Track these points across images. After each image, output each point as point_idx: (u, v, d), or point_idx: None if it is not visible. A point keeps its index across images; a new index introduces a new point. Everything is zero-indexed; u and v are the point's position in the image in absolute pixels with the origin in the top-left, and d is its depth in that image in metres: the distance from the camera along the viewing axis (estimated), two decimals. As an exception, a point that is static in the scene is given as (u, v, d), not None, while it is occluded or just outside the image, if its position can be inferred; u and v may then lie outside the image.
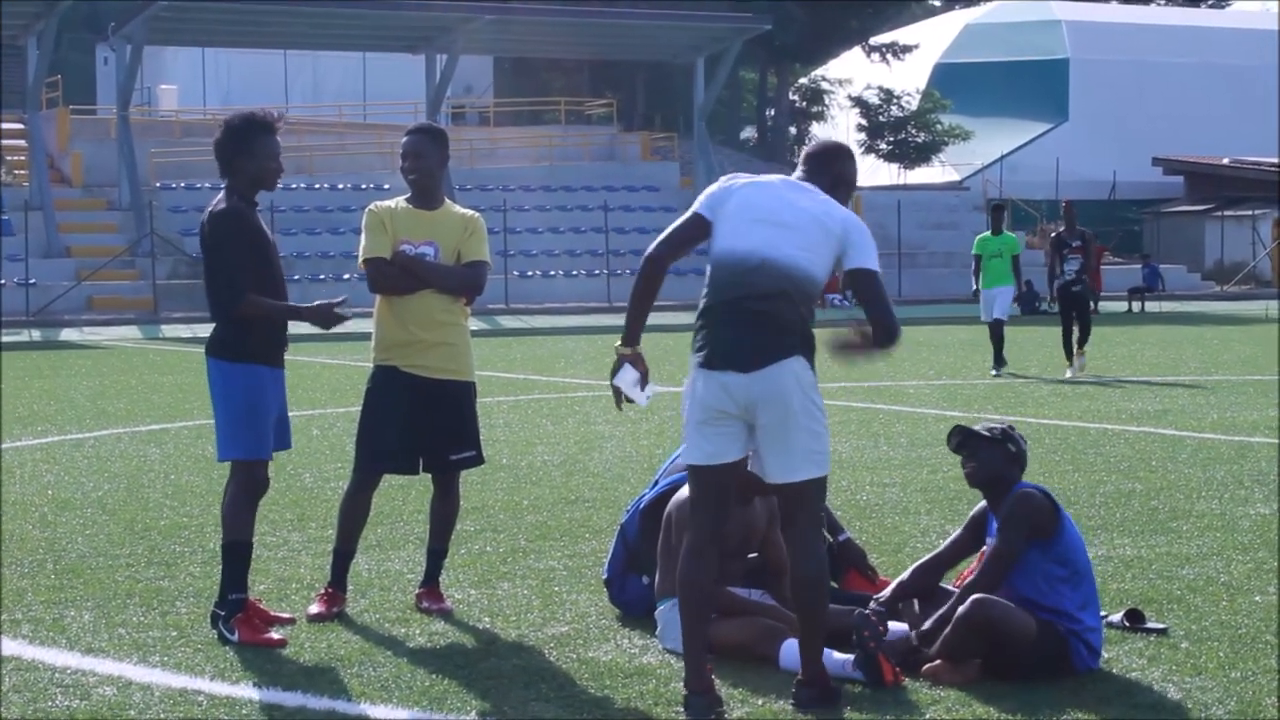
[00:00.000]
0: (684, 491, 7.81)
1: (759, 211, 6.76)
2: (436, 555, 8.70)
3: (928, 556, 7.86)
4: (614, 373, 6.85)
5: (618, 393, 6.90)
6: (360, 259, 8.54)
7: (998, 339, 24.01)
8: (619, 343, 6.87)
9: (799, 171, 7.07)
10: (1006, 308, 24.38)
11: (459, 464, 8.63)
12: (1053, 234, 25.14)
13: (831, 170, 7.01)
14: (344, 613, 8.42)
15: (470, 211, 8.74)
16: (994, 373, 23.52)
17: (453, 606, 8.55)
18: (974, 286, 24.67)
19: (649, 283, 6.80)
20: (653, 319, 6.88)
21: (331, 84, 69.63)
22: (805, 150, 7.10)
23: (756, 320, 6.61)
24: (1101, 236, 51.91)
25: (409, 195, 8.64)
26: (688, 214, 6.89)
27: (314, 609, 8.40)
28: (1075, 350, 23.67)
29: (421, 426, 8.48)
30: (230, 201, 8.01)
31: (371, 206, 8.62)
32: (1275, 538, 10.24)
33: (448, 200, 8.72)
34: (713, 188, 6.92)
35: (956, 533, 7.76)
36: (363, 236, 8.56)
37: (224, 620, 7.86)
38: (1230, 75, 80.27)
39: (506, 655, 7.58)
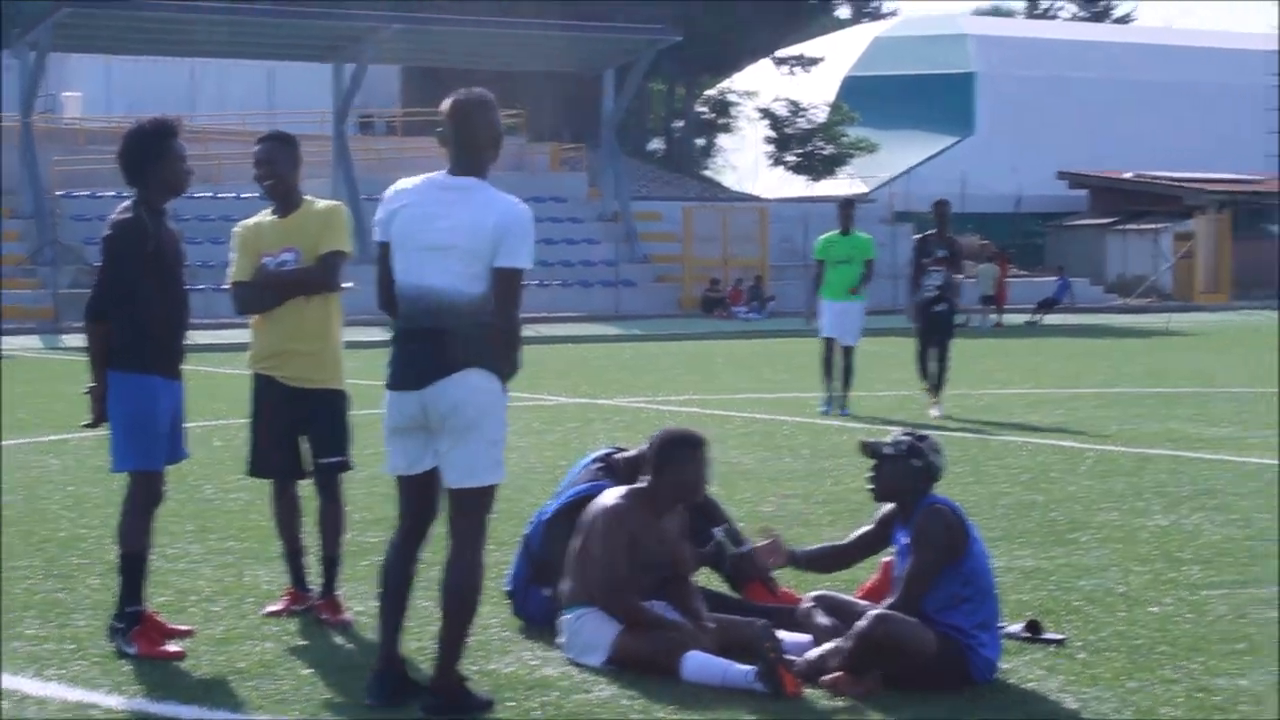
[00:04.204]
0: (605, 497, 7.81)
1: (416, 236, 6.72)
2: (331, 563, 8.68)
3: (832, 544, 8.04)
4: None
5: None
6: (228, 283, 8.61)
7: (846, 370, 19.08)
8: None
9: (451, 147, 6.82)
10: (859, 329, 19.39)
11: (328, 469, 8.65)
12: (917, 237, 19.93)
13: (467, 132, 6.78)
14: (293, 612, 8.56)
15: (332, 203, 8.75)
16: (843, 411, 18.89)
17: (353, 619, 8.51)
18: (811, 304, 19.77)
19: None
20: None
21: (238, 93, 69.13)
22: (445, 109, 6.79)
23: (427, 341, 6.69)
24: (1004, 249, 52.25)
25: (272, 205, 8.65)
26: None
27: (273, 606, 8.57)
28: (932, 394, 19.17)
29: (297, 433, 8.60)
30: (135, 212, 7.90)
31: (236, 227, 8.67)
32: (1173, 549, 10.35)
33: (309, 199, 8.66)
34: (380, 209, 6.84)
35: (865, 528, 7.78)
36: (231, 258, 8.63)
37: (123, 633, 7.79)
38: (1135, 90, 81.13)
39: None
